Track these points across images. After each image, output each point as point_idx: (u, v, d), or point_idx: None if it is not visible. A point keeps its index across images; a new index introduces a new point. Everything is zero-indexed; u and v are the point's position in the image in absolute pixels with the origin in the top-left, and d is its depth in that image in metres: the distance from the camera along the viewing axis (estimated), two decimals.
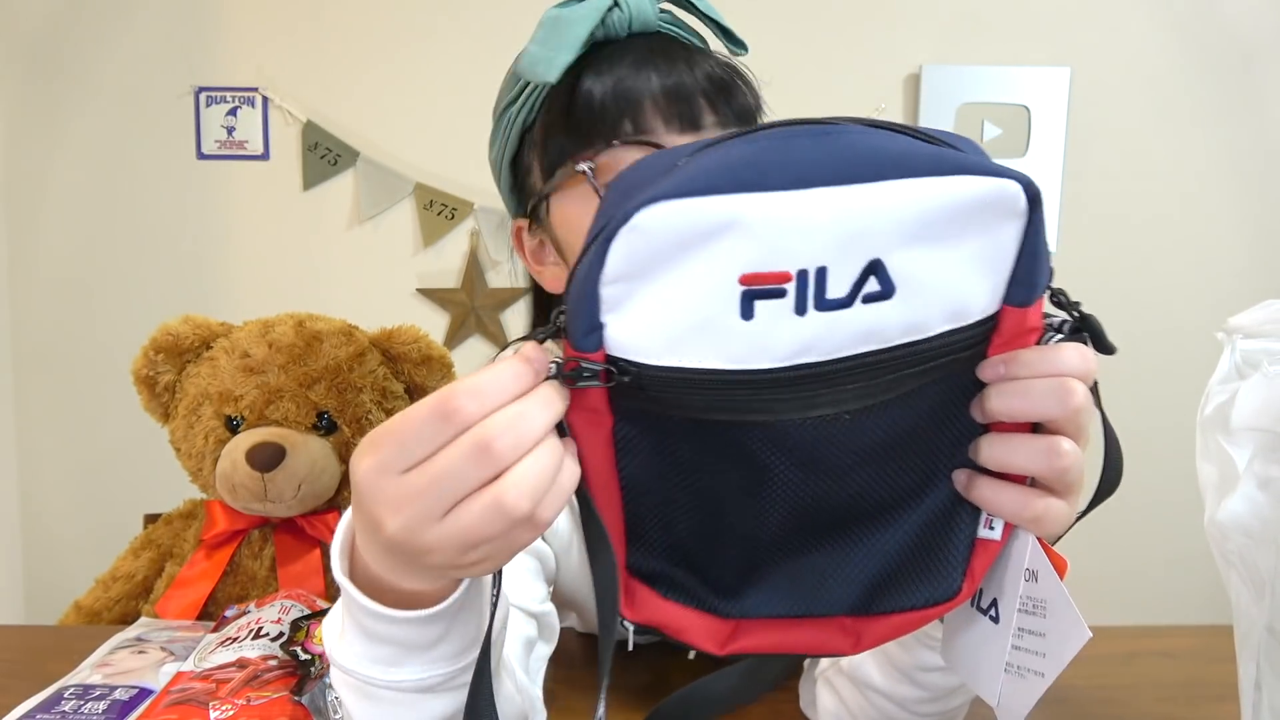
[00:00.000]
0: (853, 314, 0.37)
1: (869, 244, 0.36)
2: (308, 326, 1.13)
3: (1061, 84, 1.94)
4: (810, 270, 0.36)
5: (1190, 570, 2.03)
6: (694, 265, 0.36)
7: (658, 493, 0.42)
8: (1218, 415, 0.51)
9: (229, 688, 0.67)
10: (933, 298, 0.38)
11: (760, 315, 0.36)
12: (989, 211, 0.37)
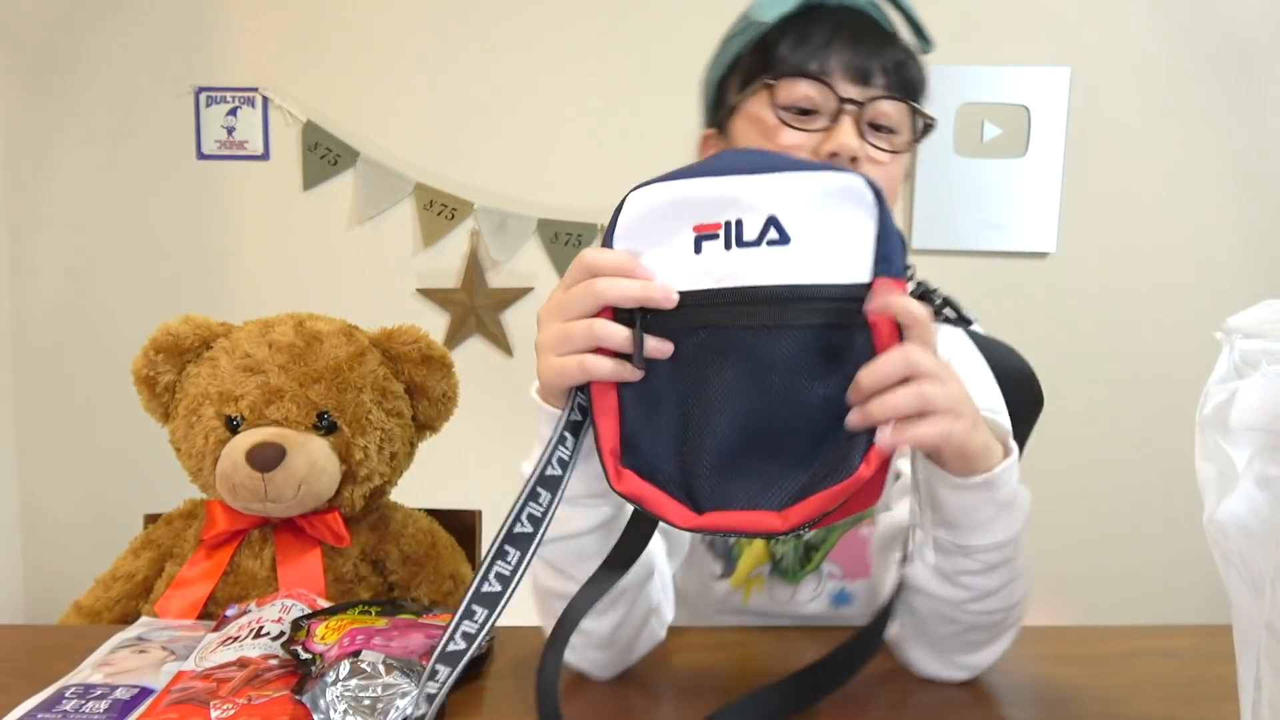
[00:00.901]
0: (761, 251, 0.57)
1: (767, 207, 0.57)
2: (308, 326, 1.13)
3: (1061, 84, 1.94)
4: (732, 221, 0.58)
5: (1190, 570, 2.03)
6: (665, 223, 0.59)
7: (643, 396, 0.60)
8: (1216, 415, 0.51)
9: (230, 687, 0.68)
10: (817, 252, 0.56)
11: (704, 251, 0.58)
12: (845, 195, 0.56)
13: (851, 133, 0.79)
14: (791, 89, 0.81)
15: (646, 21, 1.92)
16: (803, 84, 0.80)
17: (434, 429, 1.20)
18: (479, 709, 0.71)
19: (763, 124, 0.82)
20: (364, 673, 0.66)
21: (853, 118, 0.80)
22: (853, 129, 0.80)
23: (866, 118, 0.81)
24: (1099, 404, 2.04)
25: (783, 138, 0.81)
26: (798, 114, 0.81)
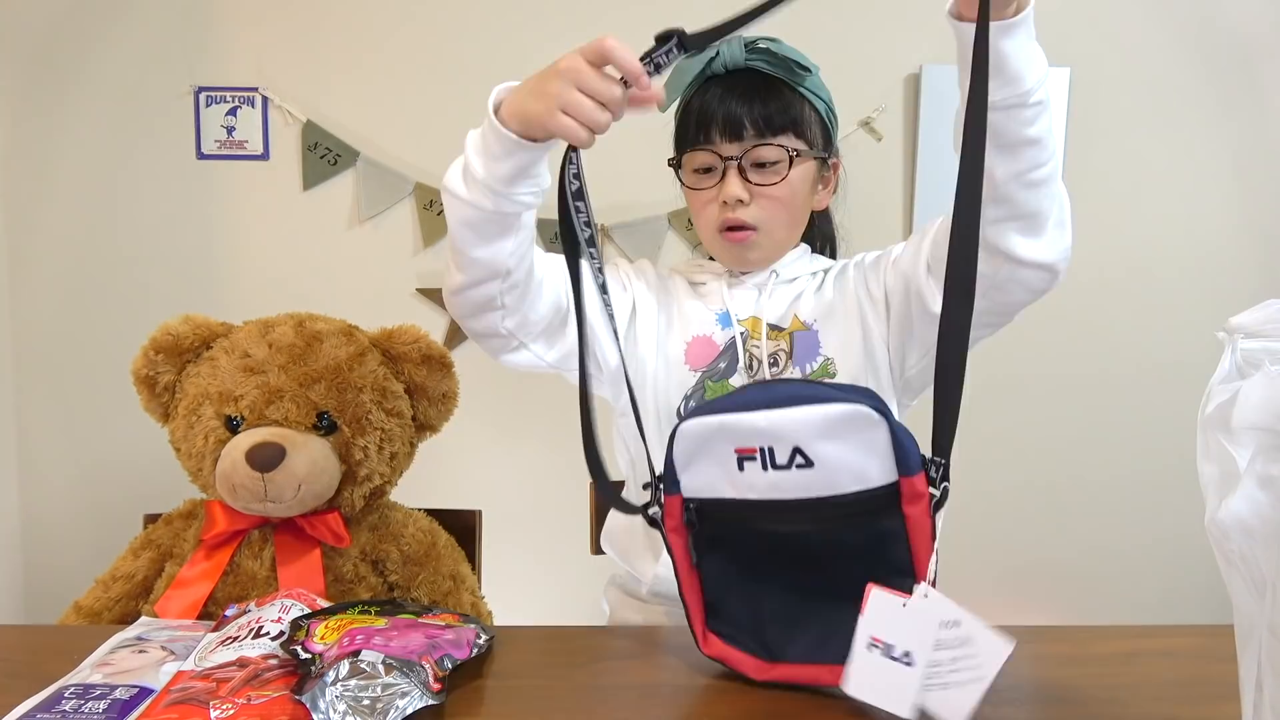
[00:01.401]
0: (792, 473, 0.71)
1: (792, 438, 0.71)
2: (308, 326, 1.13)
3: (1061, 84, 1.94)
4: (765, 449, 0.72)
5: (1190, 570, 2.03)
6: (713, 447, 0.74)
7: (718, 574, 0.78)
8: (1218, 415, 0.51)
9: (229, 687, 0.68)
10: (839, 469, 0.70)
11: (746, 470, 0.73)
12: (859, 420, 0.69)
13: (735, 183, 1.03)
14: (691, 159, 1.07)
15: (647, 21, 1.91)
16: (696, 154, 1.05)
17: (434, 429, 1.20)
18: (479, 709, 0.71)
19: (687, 190, 1.09)
20: (364, 673, 0.66)
21: (734, 169, 1.03)
22: (736, 179, 1.03)
23: (750, 163, 1.03)
24: (1099, 404, 2.04)
25: (695, 201, 1.08)
26: (703, 173, 1.06)
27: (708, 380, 1.06)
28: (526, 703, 0.72)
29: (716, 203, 1.05)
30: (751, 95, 1.03)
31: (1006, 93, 0.83)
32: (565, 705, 0.72)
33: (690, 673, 0.78)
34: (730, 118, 1.02)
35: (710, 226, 1.07)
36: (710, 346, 1.07)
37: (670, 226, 1.94)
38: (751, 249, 1.07)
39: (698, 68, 1.05)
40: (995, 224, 0.89)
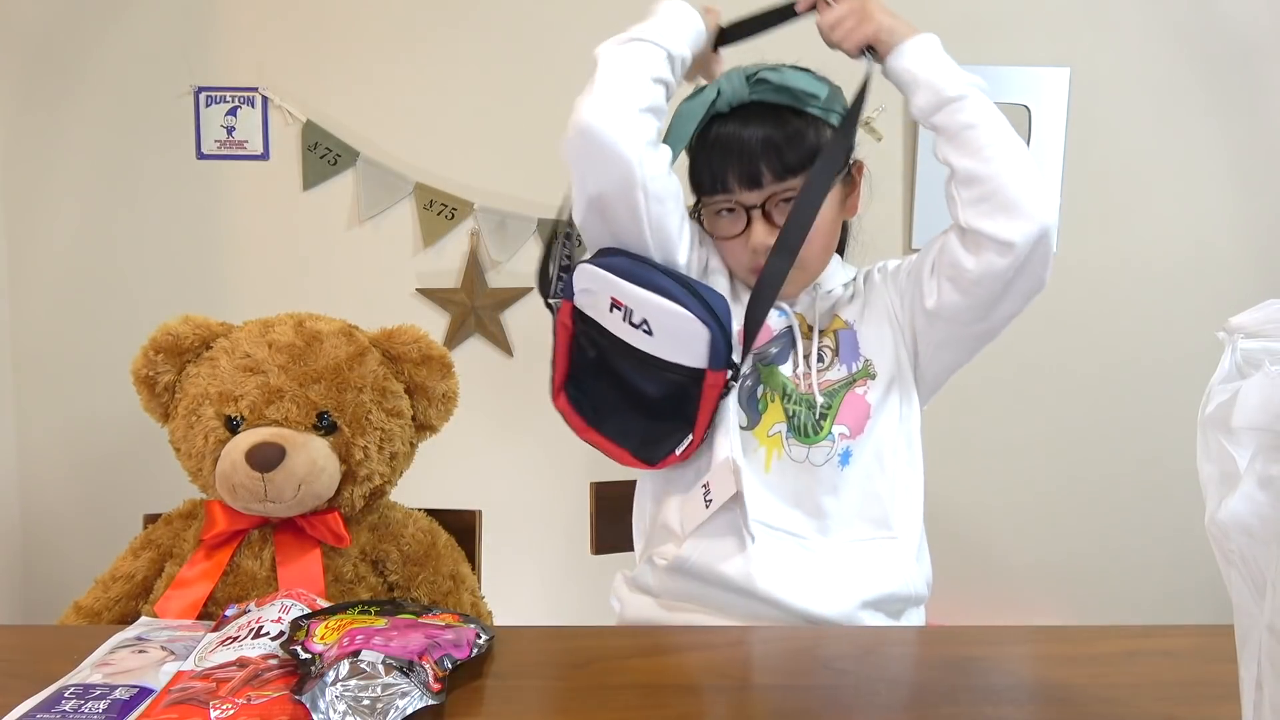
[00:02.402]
0: (639, 333, 0.99)
1: (644, 311, 0.98)
2: (308, 326, 1.13)
3: (1061, 84, 1.94)
4: (628, 308, 0.99)
5: (1190, 570, 2.03)
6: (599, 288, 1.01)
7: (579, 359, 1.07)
8: (1219, 414, 0.51)
9: (229, 687, 0.68)
10: (668, 345, 0.98)
11: (613, 314, 0.99)
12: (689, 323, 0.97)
13: (762, 232, 1.02)
14: (713, 203, 1.06)
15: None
16: (717, 200, 1.05)
17: (434, 429, 1.20)
18: (479, 709, 0.71)
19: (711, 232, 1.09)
20: (363, 673, 0.66)
21: (759, 217, 1.03)
22: (762, 227, 1.03)
23: (772, 206, 1.02)
24: (1099, 403, 2.04)
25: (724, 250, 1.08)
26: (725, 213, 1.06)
27: (759, 362, 1.07)
28: (526, 703, 0.72)
29: (745, 248, 1.04)
30: (764, 137, 1.00)
31: (928, 96, 1.01)
32: (565, 705, 0.72)
33: (691, 673, 0.78)
34: (746, 167, 1.01)
35: (743, 269, 1.07)
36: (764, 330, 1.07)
37: None
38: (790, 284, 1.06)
39: (700, 111, 1.03)
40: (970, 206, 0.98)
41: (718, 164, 1.02)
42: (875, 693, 0.73)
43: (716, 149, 1.02)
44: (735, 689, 0.75)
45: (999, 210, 0.96)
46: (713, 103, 1.03)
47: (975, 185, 0.98)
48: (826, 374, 1.06)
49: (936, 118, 1.00)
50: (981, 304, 1.01)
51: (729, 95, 1.02)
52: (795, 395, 1.05)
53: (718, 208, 1.05)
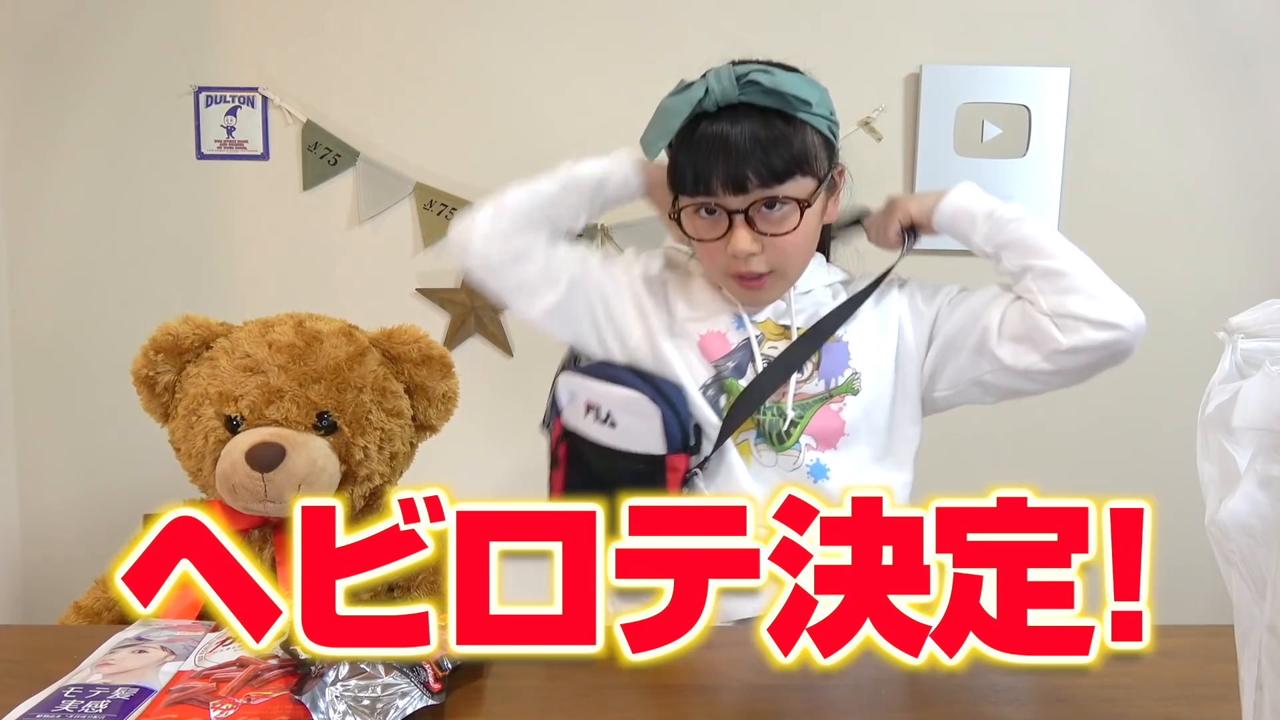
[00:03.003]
0: (605, 428, 1.04)
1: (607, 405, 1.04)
2: (308, 326, 1.13)
3: (1061, 84, 1.93)
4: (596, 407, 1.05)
5: (1190, 570, 2.03)
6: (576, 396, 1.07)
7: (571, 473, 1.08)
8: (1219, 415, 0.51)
9: (229, 687, 0.68)
10: (629, 435, 1.02)
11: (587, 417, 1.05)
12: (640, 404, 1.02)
13: (744, 238, 1.00)
14: (693, 203, 1.02)
15: (647, 21, 1.91)
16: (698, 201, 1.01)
17: (434, 429, 1.20)
18: (479, 709, 0.71)
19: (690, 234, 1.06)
20: (363, 673, 0.66)
21: (741, 222, 1.00)
22: (744, 233, 1.00)
23: (755, 212, 1.00)
24: (1099, 403, 2.03)
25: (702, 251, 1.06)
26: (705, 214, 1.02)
27: (725, 378, 1.06)
28: (526, 703, 0.72)
29: (723, 251, 1.02)
30: (751, 140, 0.97)
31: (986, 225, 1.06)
32: (565, 705, 0.72)
33: (690, 673, 0.78)
34: (732, 171, 0.98)
35: (719, 271, 1.06)
36: (722, 343, 1.07)
37: None
38: (767, 291, 1.06)
39: (685, 108, 0.99)
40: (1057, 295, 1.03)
41: (701, 165, 0.99)
42: (875, 693, 0.73)
43: (701, 149, 0.99)
44: (735, 689, 0.75)
45: (1092, 297, 1.02)
46: (700, 101, 0.99)
47: (1059, 278, 1.02)
48: (803, 386, 1.06)
49: (1000, 237, 1.04)
50: (1072, 372, 1.07)
51: (717, 94, 0.98)
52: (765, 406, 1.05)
53: (698, 208, 1.02)
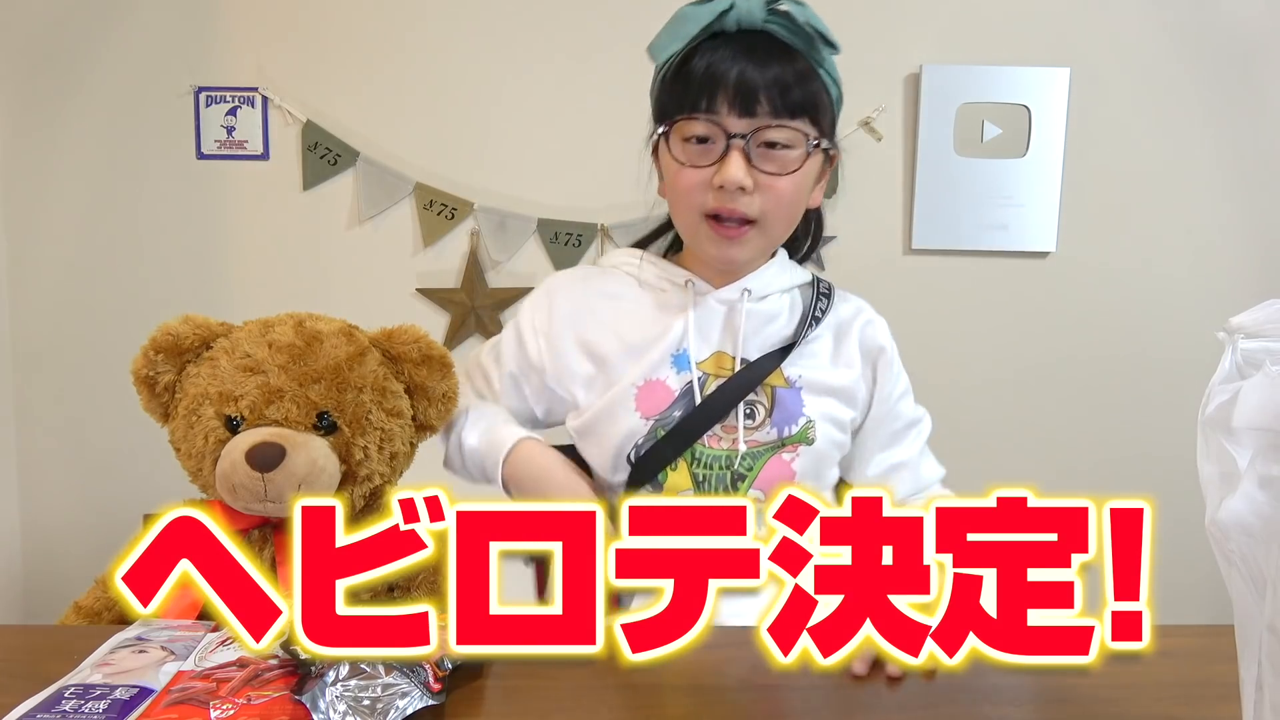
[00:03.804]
0: None
1: None
2: (308, 326, 1.13)
3: (1061, 84, 1.94)
4: None
5: (1190, 570, 2.03)
6: None
7: None
8: (1219, 415, 0.51)
9: (229, 687, 0.68)
10: None
11: None
12: None
13: (738, 166, 0.89)
14: (686, 127, 0.92)
15: (646, 23, 1.91)
16: (695, 122, 0.91)
17: (434, 429, 1.19)
18: (479, 709, 0.71)
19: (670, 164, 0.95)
20: (364, 673, 0.66)
21: (738, 149, 0.89)
22: (739, 161, 0.89)
23: (756, 144, 0.90)
24: (1099, 403, 2.04)
25: (681, 179, 0.93)
26: (697, 143, 0.92)
27: (659, 428, 0.98)
28: (526, 703, 0.72)
29: (709, 186, 0.91)
30: (768, 64, 0.88)
31: None
32: (565, 705, 0.72)
33: (691, 673, 0.78)
34: (744, 87, 0.88)
35: (695, 210, 0.94)
36: (664, 392, 0.98)
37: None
38: (743, 246, 0.95)
39: (707, 18, 0.90)
40: None
41: (710, 83, 0.89)
42: (875, 693, 0.73)
43: (714, 64, 0.89)
44: (735, 689, 0.75)
45: None
46: (722, 14, 0.90)
47: None
48: (754, 434, 0.97)
49: None
50: None
51: (740, 15, 0.90)
52: (706, 457, 0.97)
53: (692, 133, 0.92)
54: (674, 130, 0.94)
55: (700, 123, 0.91)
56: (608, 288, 1.06)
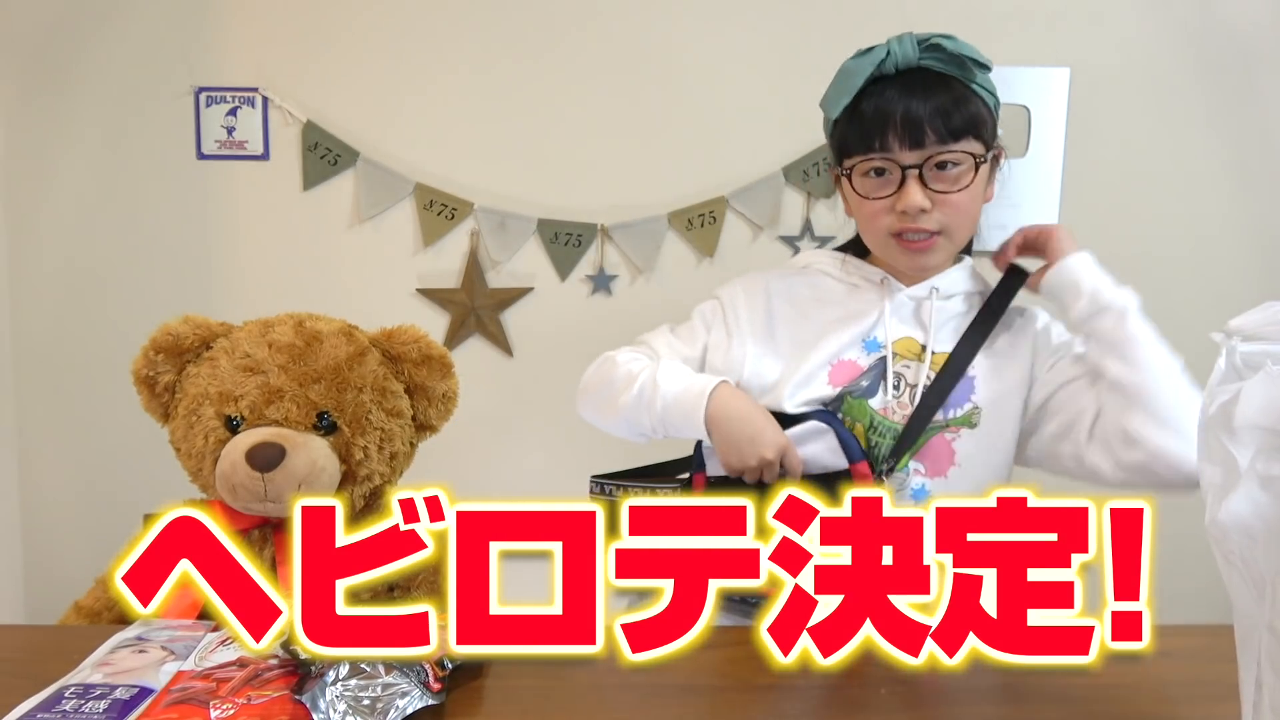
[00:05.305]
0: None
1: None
2: (308, 326, 1.13)
3: (1061, 84, 1.93)
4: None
5: (1190, 570, 2.03)
6: None
7: None
8: (1221, 415, 0.51)
9: (229, 687, 0.68)
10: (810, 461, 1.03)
11: None
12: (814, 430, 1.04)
13: (917, 193, 1.00)
14: (864, 165, 1.03)
15: (644, 24, 1.92)
16: (871, 160, 1.01)
17: (434, 429, 1.19)
18: (479, 709, 0.71)
19: (853, 196, 1.06)
20: (364, 673, 0.66)
21: (914, 178, 1.00)
22: (917, 189, 1.00)
23: (929, 169, 1.00)
24: None
25: (866, 209, 1.05)
26: (874, 176, 1.03)
27: (848, 395, 1.06)
28: (526, 703, 0.72)
29: (892, 212, 1.02)
30: (929, 96, 1.00)
31: (1084, 304, 1.04)
32: (565, 705, 0.72)
33: (691, 673, 0.78)
34: (910, 122, 0.99)
35: (882, 232, 1.05)
36: (854, 369, 1.07)
37: (670, 227, 1.94)
38: (933, 255, 1.05)
39: (869, 69, 1.01)
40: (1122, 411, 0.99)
41: (879, 123, 1.00)
42: (875, 693, 0.73)
43: (881, 106, 1.00)
44: (735, 689, 0.75)
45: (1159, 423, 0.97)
46: (880, 63, 1.02)
47: (1130, 394, 0.99)
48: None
49: (1092, 325, 1.03)
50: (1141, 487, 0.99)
51: (898, 57, 1.02)
52: (881, 426, 1.05)
53: (869, 168, 1.03)
54: (851, 168, 1.04)
55: (876, 160, 1.01)
56: (809, 281, 1.15)
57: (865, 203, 1.04)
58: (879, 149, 1.01)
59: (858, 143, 1.03)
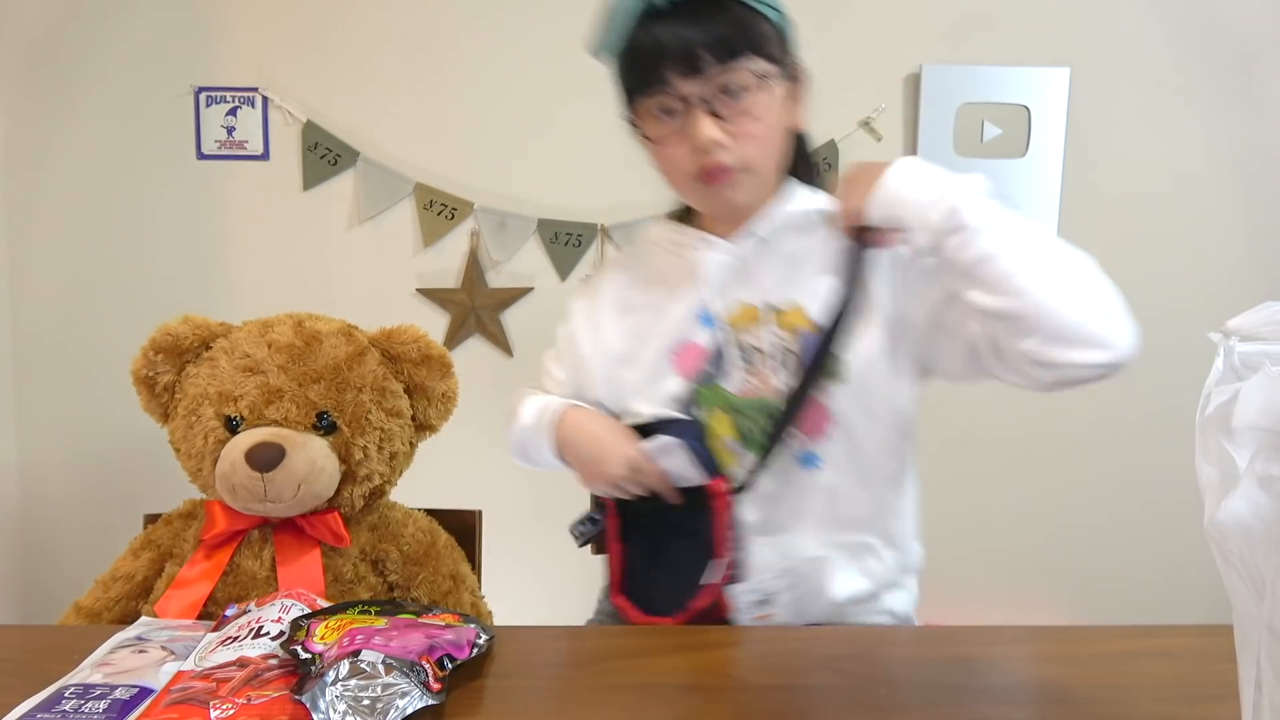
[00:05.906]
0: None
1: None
2: (307, 326, 1.13)
3: (1061, 84, 1.94)
4: None
5: (1190, 570, 2.03)
6: None
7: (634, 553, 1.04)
8: (1219, 415, 0.51)
9: (229, 687, 0.68)
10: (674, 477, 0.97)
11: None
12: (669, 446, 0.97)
13: (705, 125, 0.92)
14: (647, 106, 0.95)
15: None
16: (651, 98, 0.94)
17: (434, 429, 1.19)
18: (479, 709, 0.71)
19: (647, 144, 0.99)
20: (364, 673, 0.66)
21: (701, 109, 0.92)
22: (705, 120, 0.92)
23: (715, 97, 0.92)
24: (1098, 404, 2.03)
25: (661, 153, 0.97)
26: (663, 115, 0.95)
27: (698, 386, 1.00)
28: (526, 703, 0.72)
29: (687, 149, 0.95)
30: (697, 21, 0.91)
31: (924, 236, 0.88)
32: (565, 705, 0.72)
33: (690, 673, 0.78)
34: (682, 49, 0.90)
35: (683, 176, 0.98)
36: (698, 352, 1.01)
37: None
38: (737, 189, 0.97)
39: (637, 4, 0.93)
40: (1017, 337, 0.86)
41: (651, 53, 0.92)
42: (875, 693, 0.73)
43: (651, 38, 0.92)
44: (735, 689, 0.75)
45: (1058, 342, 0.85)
46: None
47: (1013, 321, 0.85)
48: (780, 380, 0.97)
49: (941, 255, 0.88)
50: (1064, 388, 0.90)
51: None
52: (746, 408, 0.98)
53: (654, 108, 0.95)
54: (638, 112, 0.97)
55: (656, 96, 0.94)
56: (644, 261, 1.10)
57: (660, 149, 0.97)
58: (656, 83, 0.93)
59: (636, 81, 0.95)
